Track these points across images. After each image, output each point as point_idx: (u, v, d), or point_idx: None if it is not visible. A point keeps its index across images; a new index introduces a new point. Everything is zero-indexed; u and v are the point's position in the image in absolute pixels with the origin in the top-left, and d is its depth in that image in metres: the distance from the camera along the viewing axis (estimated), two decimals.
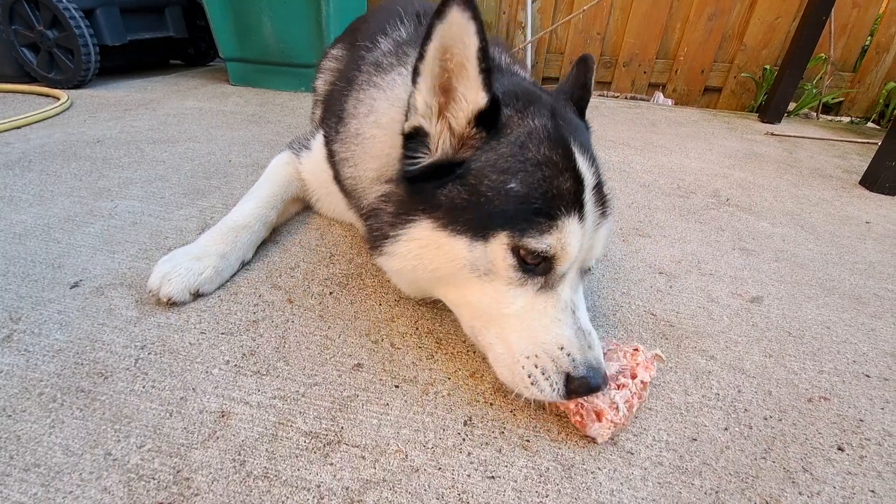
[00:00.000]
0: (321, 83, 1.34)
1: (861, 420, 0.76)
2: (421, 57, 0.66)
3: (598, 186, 0.73)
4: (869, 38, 3.03)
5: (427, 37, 0.64)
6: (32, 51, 2.37)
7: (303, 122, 2.09)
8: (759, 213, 1.55)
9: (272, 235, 1.13)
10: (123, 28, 2.50)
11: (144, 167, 1.50)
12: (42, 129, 1.80)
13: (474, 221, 0.69)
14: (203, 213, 1.24)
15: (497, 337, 0.72)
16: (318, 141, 1.12)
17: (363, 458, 0.63)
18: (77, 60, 2.32)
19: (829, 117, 3.20)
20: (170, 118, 2.05)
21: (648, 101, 3.32)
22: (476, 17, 0.61)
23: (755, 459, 0.68)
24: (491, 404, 0.73)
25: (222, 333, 0.83)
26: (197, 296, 0.90)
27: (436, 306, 0.94)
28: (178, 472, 0.59)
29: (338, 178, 1.01)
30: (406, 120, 0.73)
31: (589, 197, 0.70)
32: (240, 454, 0.62)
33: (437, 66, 0.67)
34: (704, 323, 0.97)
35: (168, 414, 0.67)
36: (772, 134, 2.64)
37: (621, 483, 0.63)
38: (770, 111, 2.86)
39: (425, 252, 0.73)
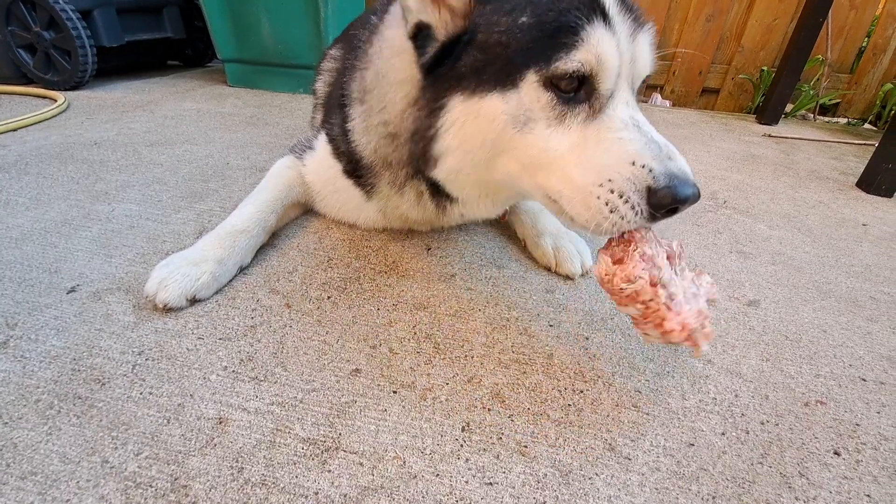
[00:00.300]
0: (321, 85, 1.33)
1: (857, 424, 0.77)
2: None
3: None
4: (866, 39, 3.04)
5: None
6: (29, 52, 2.35)
7: (302, 124, 2.09)
8: (756, 216, 1.55)
9: (270, 239, 1.13)
10: (121, 29, 2.49)
11: (142, 170, 1.50)
12: (39, 132, 1.80)
13: (499, 73, 0.67)
14: (201, 216, 1.23)
15: (562, 181, 0.68)
16: (322, 139, 1.12)
17: (361, 464, 0.63)
18: (74, 62, 2.30)
19: (826, 119, 3.22)
20: (167, 120, 2.05)
21: (646, 102, 3.33)
22: None
23: (752, 464, 0.68)
24: (489, 410, 0.73)
25: (220, 339, 0.82)
26: (194, 301, 0.90)
27: (435, 310, 0.94)
28: (175, 479, 0.59)
29: (357, 159, 0.99)
30: (406, 25, 0.73)
31: (610, 2, 0.65)
32: (237, 461, 0.62)
33: None
34: None
35: (165, 421, 0.67)
36: (769, 135, 2.64)
37: (619, 489, 0.63)
38: (767, 113, 2.87)
39: (465, 128, 0.72)
